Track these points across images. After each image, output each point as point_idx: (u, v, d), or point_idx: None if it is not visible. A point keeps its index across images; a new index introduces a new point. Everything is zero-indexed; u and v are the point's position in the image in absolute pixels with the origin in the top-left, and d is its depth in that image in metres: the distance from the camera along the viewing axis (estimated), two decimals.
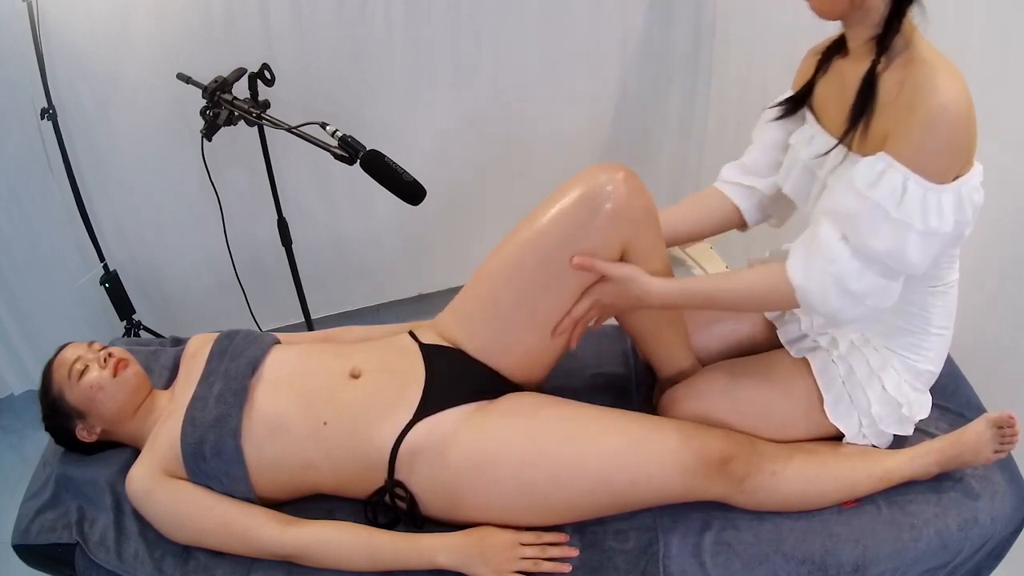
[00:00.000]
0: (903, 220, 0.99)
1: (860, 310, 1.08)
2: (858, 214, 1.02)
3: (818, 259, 1.05)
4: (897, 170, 0.99)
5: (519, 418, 1.19)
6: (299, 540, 1.13)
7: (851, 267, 1.04)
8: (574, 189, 1.18)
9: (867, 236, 1.02)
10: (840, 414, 1.22)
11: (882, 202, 1.00)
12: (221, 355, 1.29)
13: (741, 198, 1.34)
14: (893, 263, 1.03)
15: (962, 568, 1.24)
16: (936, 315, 1.20)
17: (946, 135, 0.97)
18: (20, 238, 1.99)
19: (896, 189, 0.99)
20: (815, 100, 1.22)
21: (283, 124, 1.47)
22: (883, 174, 1.00)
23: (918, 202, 0.99)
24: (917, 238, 1.00)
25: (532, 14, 2.15)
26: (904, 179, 0.99)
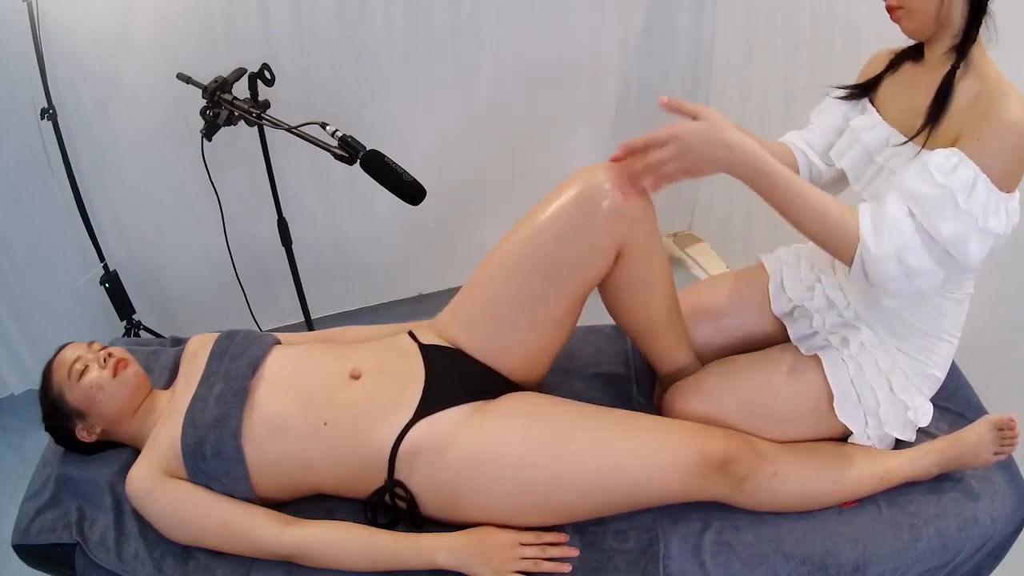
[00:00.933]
0: (970, 211, 1.04)
1: (906, 287, 1.09)
2: (930, 197, 1.05)
3: (887, 228, 1.07)
4: (969, 166, 1.04)
5: (519, 418, 1.19)
6: (299, 540, 1.13)
7: (914, 242, 1.06)
8: (572, 188, 1.18)
9: (936, 218, 1.05)
10: (848, 413, 1.22)
11: (955, 190, 1.04)
12: (221, 355, 1.29)
13: (803, 165, 1.36)
14: (954, 251, 1.06)
15: (962, 568, 1.24)
16: (948, 321, 1.22)
17: (1015, 147, 1.03)
18: (20, 238, 1.99)
19: (967, 182, 1.03)
20: (878, 94, 1.26)
21: (283, 124, 1.47)
22: (957, 167, 1.04)
23: (983, 199, 1.03)
24: (978, 233, 1.05)
25: (532, 14, 2.15)
26: (975, 175, 1.03)
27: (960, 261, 1.08)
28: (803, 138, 1.37)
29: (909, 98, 1.18)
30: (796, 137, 1.37)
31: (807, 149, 1.36)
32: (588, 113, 2.41)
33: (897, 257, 1.07)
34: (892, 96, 1.24)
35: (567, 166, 1.25)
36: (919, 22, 1.10)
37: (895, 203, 1.08)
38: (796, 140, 1.37)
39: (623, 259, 1.21)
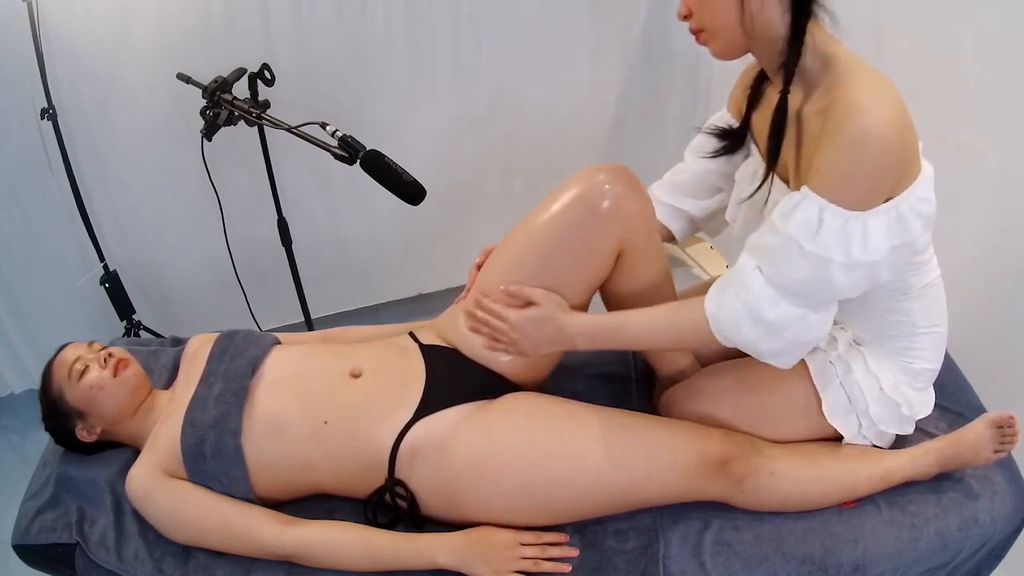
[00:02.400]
0: (819, 253, 0.95)
1: (778, 343, 1.05)
2: (772, 247, 0.99)
3: (732, 287, 1.03)
4: (813, 201, 0.94)
5: (519, 418, 1.19)
6: (299, 540, 1.13)
7: (765, 295, 1.00)
8: (572, 188, 1.18)
9: (781, 267, 0.99)
10: (838, 415, 1.21)
11: (795, 235, 0.96)
12: (221, 355, 1.29)
13: (671, 218, 1.34)
14: (819, 294, 1.00)
15: (962, 568, 1.24)
16: (919, 317, 1.17)
17: (869, 160, 0.91)
18: (20, 238, 1.99)
19: (811, 221, 0.95)
20: (754, 130, 1.18)
21: (283, 124, 1.47)
22: (797, 206, 0.96)
23: (837, 232, 0.94)
24: (839, 269, 0.96)
25: (532, 14, 2.15)
26: (820, 210, 0.94)
27: (830, 299, 1.02)
28: (672, 185, 1.34)
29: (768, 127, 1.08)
30: (661, 191, 1.35)
31: (675, 199, 1.33)
32: (588, 113, 2.41)
33: (750, 315, 1.01)
34: (760, 126, 1.14)
35: (567, 166, 1.25)
36: (725, 42, 1.00)
37: (744, 258, 1.03)
38: (661, 195, 1.34)
39: (623, 260, 1.21)
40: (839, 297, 1.02)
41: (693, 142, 1.33)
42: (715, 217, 1.36)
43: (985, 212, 1.48)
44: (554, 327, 1.16)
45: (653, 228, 1.22)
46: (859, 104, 0.91)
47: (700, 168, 1.30)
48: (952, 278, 1.21)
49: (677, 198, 1.33)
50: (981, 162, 1.41)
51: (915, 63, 1.50)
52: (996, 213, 1.45)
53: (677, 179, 1.34)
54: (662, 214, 1.34)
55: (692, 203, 1.32)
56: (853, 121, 0.91)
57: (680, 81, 2.46)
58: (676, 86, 2.47)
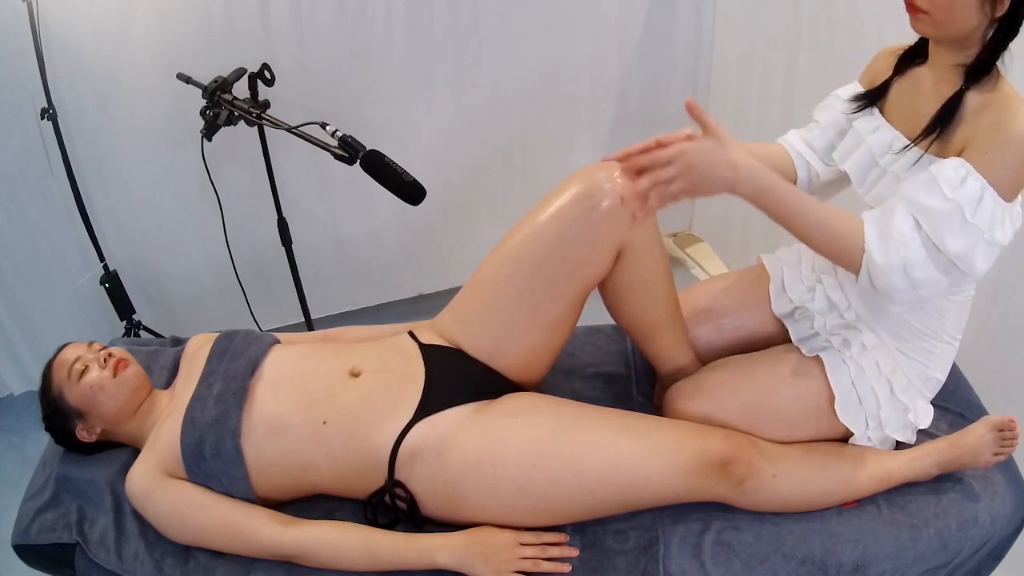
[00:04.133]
0: (976, 225, 1.05)
1: (911, 297, 1.11)
2: (939, 211, 1.06)
3: (893, 241, 1.08)
4: (977, 179, 1.04)
5: (519, 418, 1.19)
6: (299, 540, 1.13)
7: (920, 255, 1.07)
8: (572, 187, 1.18)
9: (944, 232, 1.06)
10: (849, 415, 1.22)
11: (963, 204, 1.04)
12: (221, 355, 1.29)
13: (801, 167, 1.36)
14: (960, 264, 1.07)
15: (962, 568, 1.24)
16: (950, 323, 1.22)
17: (1021, 160, 1.03)
18: (20, 238, 1.99)
19: (975, 195, 1.04)
20: (888, 99, 1.25)
21: (283, 124, 1.47)
22: (965, 180, 1.05)
23: (990, 212, 1.05)
24: (984, 246, 1.06)
25: (532, 14, 2.15)
26: (983, 188, 1.04)
27: (966, 272, 1.09)
28: (803, 138, 1.36)
29: (914, 103, 1.18)
30: (796, 138, 1.37)
31: (806, 151, 1.35)
32: (588, 113, 2.41)
33: (903, 270, 1.08)
34: (897, 99, 1.23)
35: (567, 166, 1.25)
36: (942, 33, 1.08)
37: (902, 215, 1.08)
38: (795, 142, 1.37)
39: (623, 259, 1.21)
40: (973, 273, 1.09)
41: (822, 103, 1.37)
42: (829, 187, 1.39)
43: None
44: (727, 161, 1.08)
45: (654, 226, 1.22)
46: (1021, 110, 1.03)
47: (826, 123, 1.34)
48: None
49: (807, 151, 1.36)
50: None
51: None
52: None
53: (808, 134, 1.37)
54: (797, 161, 1.35)
55: (817, 162, 1.35)
56: (1018, 121, 1.03)
57: (680, 79, 2.46)
58: (676, 84, 2.47)
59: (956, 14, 1.03)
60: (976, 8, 1.02)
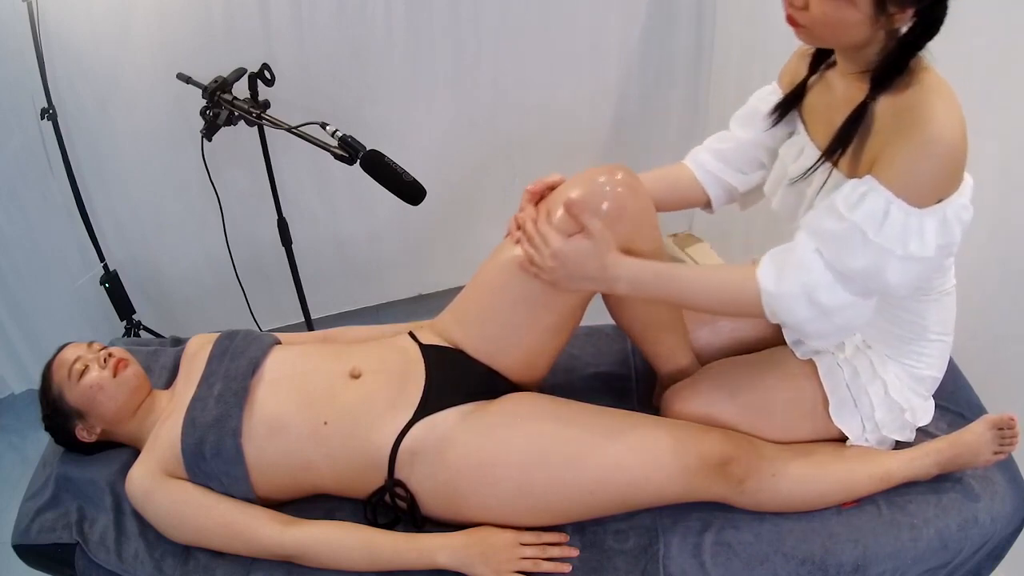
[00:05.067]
0: (882, 244, 0.98)
1: (826, 327, 1.06)
2: (836, 233, 1.01)
3: (792, 268, 1.04)
4: (880, 193, 0.97)
5: (519, 418, 1.19)
6: (299, 540, 1.13)
7: (823, 279, 1.02)
8: (573, 190, 1.18)
9: (844, 255, 1.01)
10: (844, 417, 1.21)
11: (861, 224, 0.98)
12: (221, 355, 1.29)
13: (713, 187, 1.32)
14: (871, 284, 1.02)
15: (962, 568, 1.24)
16: (933, 322, 1.19)
17: (936, 164, 0.96)
18: (20, 238, 1.99)
19: (877, 212, 0.98)
20: (805, 106, 1.19)
21: (283, 124, 1.47)
22: (865, 196, 0.98)
23: (899, 226, 0.97)
24: (897, 263, 0.99)
25: (532, 14, 2.15)
26: (887, 203, 0.97)
27: (880, 291, 1.04)
28: (717, 153, 1.31)
29: (829, 113, 1.10)
30: (707, 157, 1.32)
31: (719, 168, 1.30)
32: (588, 113, 2.41)
33: (806, 297, 1.03)
34: (816, 109, 1.15)
35: (567, 167, 1.25)
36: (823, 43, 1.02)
37: (802, 243, 1.04)
38: (706, 161, 1.31)
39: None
40: (889, 291, 1.04)
41: (740, 112, 1.32)
42: (754, 193, 1.35)
43: (985, 213, 1.47)
44: (599, 264, 1.11)
45: (655, 229, 1.22)
46: (933, 110, 0.95)
47: (746, 139, 1.29)
48: None
49: (721, 167, 1.31)
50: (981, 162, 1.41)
51: None
52: (996, 214, 1.45)
53: (723, 147, 1.32)
54: (705, 180, 1.32)
55: (735, 176, 1.31)
56: (928, 124, 0.94)
57: (680, 81, 2.46)
58: (676, 86, 2.47)
59: (840, 31, 0.96)
60: (867, 25, 0.94)
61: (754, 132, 1.27)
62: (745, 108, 1.31)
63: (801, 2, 0.96)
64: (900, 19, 0.94)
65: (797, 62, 1.22)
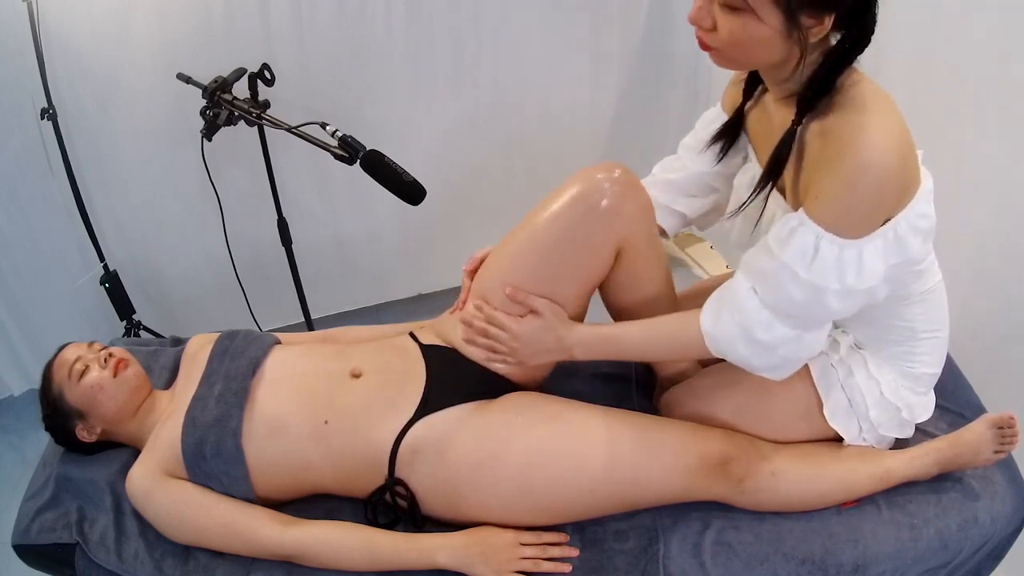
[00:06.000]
0: (814, 281, 0.95)
1: (773, 360, 1.07)
2: (767, 272, 0.99)
3: (728, 308, 1.04)
4: (809, 229, 0.94)
5: (519, 418, 1.19)
6: (299, 540, 1.13)
7: (759, 318, 1.01)
8: (572, 187, 1.18)
9: (776, 293, 0.99)
10: (839, 418, 1.21)
11: (790, 262, 0.96)
12: (222, 355, 1.29)
13: (666, 218, 1.32)
14: (810, 316, 1.01)
15: (962, 568, 1.24)
16: (920, 322, 1.17)
17: (867, 193, 0.91)
18: (20, 238, 1.99)
19: (807, 249, 0.94)
20: (750, 130, 1.16)
21: (283, 124, 1.47)
22: (794, 232, 0.95)
23: (832, 261, 0.94)
24: (834, 296, 0.97)
25: (532, 14, 2.15)
26: (816, 238, 0.94)
27: (823, 321, 1.03)
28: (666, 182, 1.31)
29: (769, 138, 1.05)
30: (660, 191, 1.31)
31: (670, 199, 1.30)
32: (588, 113, 2.41)
33: (744, 336, 1.03)
34: (758, 133, 1.12)
35: (567, 166, 1.25)
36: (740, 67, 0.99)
37: (739, 278, 1.04)
38: (656, 195, 1.30)
39: (623, 259, 1.21)
40: (833, 319, 1.03)
41: (688, 140, 1.31)
42: (708, 215, 1.35)
43: (985, 212, 1.48)
44: (554, 337, 1.17)
45: (653, 227, 1.22)
46: (861, 133, 0.89)
47: (697, 169, 1.28)
48: (952, 278, 1.21)
49: (672, 198, 1.31)
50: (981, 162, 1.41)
51: (914, 63, 1.50)
52: (996, 213, 1.45)
53: (672, 177, 1.31)
54: (658, 215, 1.31)
55: (687, 202, 1.31)
56: (854, 151, 0.89)
57: (680, 81, 2.46)
58: (676, 86, 2.47)
59: (752, 51, 0.92)
60: (779, 42, 0.89)
61: (705, 163, 1.26)
62: (693, 135, 1.30)
63: (709, 23, 0.91)
64: (817, 31, 0.88)
65: (733, 88, 1.20)
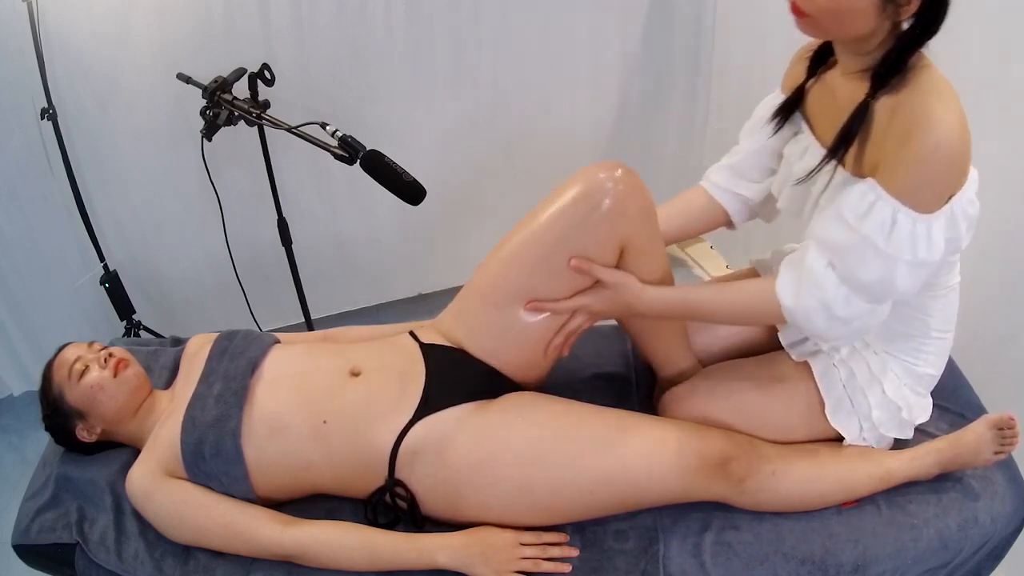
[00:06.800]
0: (891, 253, 0.99)
1: (846, 331, 1.09)
2: (847, 246, 1.02)
3: (806, 285, 1.06)
4: (887, 202, 0.98)
5: (519, 418, 1.19)
6: (299, 540, 1.13)
7: (838, 294, 1.04)
8: (573, 187, 1.18)
9: (855, 267, 1.02)
10: (841, 418, 1.22)
11: (871, 235, 0.99)
12: (221, 355, 1.29)
13: (730, 202, 1.34)
14: (881, 291, 1.04)
15: (962, 568, 1.24)
16: (936, 319, 1.19)
17: (940, 169, 0.96)
18: (20, 238, 1.99)
19: (885, 222, 0.99)
20: (808, 107, 1.19)
21: (283, 124, 1.47)
22: (873, 206, 0.99)
23: (907, 234, 0.98)
24: (905, 268, 1.01)
25: (533, 14, 2.15)
26: (894, 211, 0.98)
27: (891, 297, 1.06)
28: (730, 167, 1.32)
29: (832, 113, 1.10)
30: (720, 175, 1.33)
31: (734, 183, 1.32)
32: (589, 113, 2.41)
33: (824, 311, 1.05)
34: (819, 108, 1.16)
35: (567, 166, 1.25)
36: (828, 35, 1.03)
37: (813, 256, 1.06)
38: (719, 180, 1.32)
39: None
40: (900, 295, 1.06)
41: (747, 123, 1.33)
42: (770, 201, 1.35)
43: (985, 212, 1.47)
44: (624, 304, 1.19)
45: (655, 227, 1.22)
46: (933, 113, 0.94)
47: (753, 148, 1.30)
48: None
49: (734, 181, 1.33)
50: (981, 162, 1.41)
51: None
52: (997, 214, 1.45)
53: (733, 161, 1.33)
54: (720, 196, 1.34)
55: (748, 186, 1.32)
56: (928, 128, 0.94)
57: (680, 81, 2.46)
58: (676, 86, 2.47)
59: (846, 21, 0.95)
60: (873, 14, 0.93)
61: (760, 139, 1.28)
62: (752, 119, 1.32)
63: None
64: (906, 11, 0.94)
65: (796, 66, 1.22)
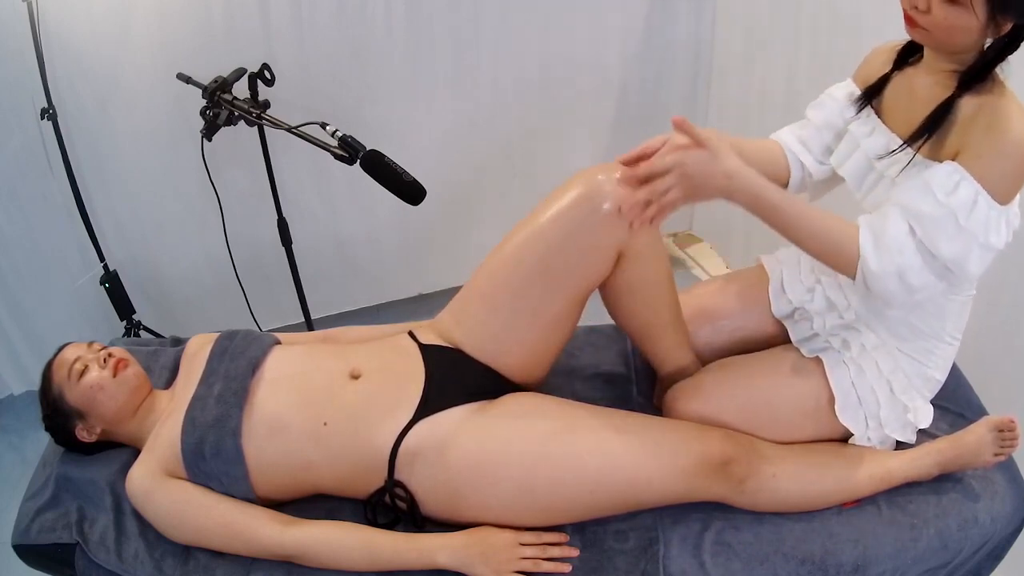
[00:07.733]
0: (970, 231, 1.05)
1: (907, 300, 1.12)
2: (932, 217, 1.06)
3: (888, 247, 1.09)
4: (971, 184, 1.04)
5: (519, 418, 1.19)
6: (299, 540, 1.13)
7: (915, 261, 1.08)
8: (572, 189, 1.18)
9: (937, 237, 1.06)
10: (849, 415, 1.22)
11: (956, 209, 1.04)
12: (221, 355, 1.29)
13: (796, 167, 1.35)
14: (954, 267, 1.07)
15: (962, 568, 1.24)
16: (950, 323, 1.22)
17: (1016, 164, 1.03)
18: (20, 238, 1.99)
19: (968, 201, 1.04)
20: (884, 95, 1.24)
21: (283, 124, 1.47)
22: (958, 185, 1.05)
23: (984, 216, 1.04)
24: (978, 250, 1.06)
25: (532, 14, 2.15)
26: (976, 193, 1.04)
27: (958, 276, 1.09)
28: (798, 137, 1.35)
29: (909, 104, 1.17)
30: (791, 138, 1.36)
31: (801, 151, 1.34)
32: (588, 113, 2.41)
33: (898, 276, 1.08)
34: (892, 100, 1.22)
35: (567, 166, 1.25)
36: (935, 44, 1.09)
37: (896, 221, 1.09)
38: (790, 141, 1.35)
39: (624, 260, 1.21)
40: (965, 277, 1.10)
41: (814, 102, 1.36)
42: (825, 183, 1.38)
43: None
44: (723, 171, 1.10)
45: (656, 228, 1.22)
46: (1014, 114, 1.03)
47: (820, 122, 1.33)
48: None
49: (802, 150, 1.35)
50: None
51: None
52: None
53: (802, 132, 1.36)
54: (791, 159, 1.34)
55: (811, 160, 1.34)
56: (1012, 125, 1.02)
57: (680, 79, 2.46)
58: (676, 84, 2.47)
59: (956, 36, 1.03)
60: (978, 32, 1.01)
61: (828, 115, 1.32)
62: (821, 97, 1.35)
63: (924, 5, 1.01)
64: (1003, 29, 1.01)
65: (875, 60, 1.27)
